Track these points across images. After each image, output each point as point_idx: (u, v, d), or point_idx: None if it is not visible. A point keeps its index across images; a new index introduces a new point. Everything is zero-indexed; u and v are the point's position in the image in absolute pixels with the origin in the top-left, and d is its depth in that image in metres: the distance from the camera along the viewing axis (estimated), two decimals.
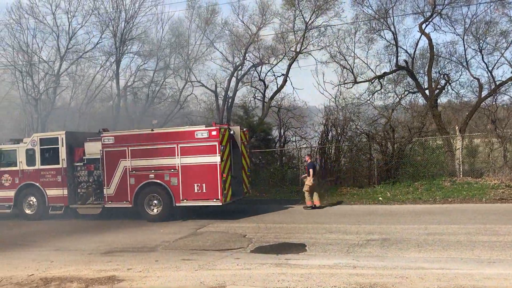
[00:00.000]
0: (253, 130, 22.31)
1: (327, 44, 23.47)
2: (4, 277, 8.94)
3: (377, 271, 8.13)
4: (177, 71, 25.60)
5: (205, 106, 26.52)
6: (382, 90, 23.68)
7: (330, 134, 21.65)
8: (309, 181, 16.31)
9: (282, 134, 24.44)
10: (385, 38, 23.15)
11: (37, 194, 16.30)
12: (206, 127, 14.69)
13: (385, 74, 23.25)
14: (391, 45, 22.82)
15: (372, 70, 23.06)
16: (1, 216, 17.15)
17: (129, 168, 15.12)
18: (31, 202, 16.49)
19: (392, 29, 22.33)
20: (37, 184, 16.26)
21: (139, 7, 25.67)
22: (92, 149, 15.78)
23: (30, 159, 16.36)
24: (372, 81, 23.23)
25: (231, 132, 15.32)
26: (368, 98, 23.48)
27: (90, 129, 21.97)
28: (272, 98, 24.82)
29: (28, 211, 16.53)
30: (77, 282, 8.44)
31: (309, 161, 16.74)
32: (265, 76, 25.35)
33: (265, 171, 21.59)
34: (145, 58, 26.39)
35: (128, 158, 15.13)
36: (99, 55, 26.20)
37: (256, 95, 25.83)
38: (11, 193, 16.55)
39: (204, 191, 14.43)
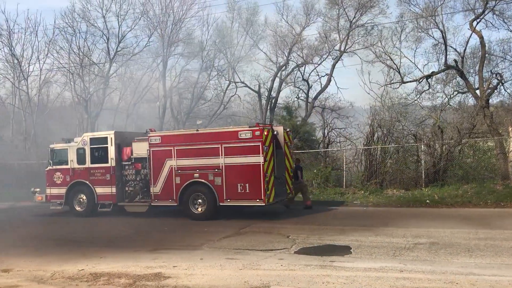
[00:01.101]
0: (297, 130, 22.20)
1: (373, 43, 23.03)
2: (57, 271, 9.29)
3: (425, 275, 7.89)
4: (221, 72, 25.89)
5: (248, 106, 26.68)
6: (430, 90, 23.04)
7: (375, 135, 21.20)
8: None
9: (326, 134, 24.20)
10: (433, 37, 22.51)
11: (87, 191, 16.87)
12: (249, 127, 14.74)
13: (433, 73, 22.57)
14: (440, 43, 22.13)
15: (419, 69, 22.53)
16: (53, 212, 17.89)
17: (174, 168, 15.40)
18: (81, 199, 17.09)
19: (441, 27, 21.66)
20: (87, 182, 16.84)
21: (187, 10, 26.19)
22: (140, 148, 16.18)
23: (81, 158, 16.97)
24: (420, 80, 22.61)
25: (274, 133, 15.29)
26: (416, 98, 22.91)
27: (137, 129, 22.57)
28: (315, 98, 24.66)
29: (78, 208, 17.13)
30: (125, 278, 8.66)
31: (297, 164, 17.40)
32: (309, 76, 25.27)
33: (309, 173, 21.40)
34: (190, 60, 26.87)
35: (174, 157, 15.40)
36: (147, 57, 26.88)
37: (299, 95, 25.75)
38: (62, 191, 17.22)
39: (247, 191, 14.47)
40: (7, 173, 27.32)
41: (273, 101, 25.12)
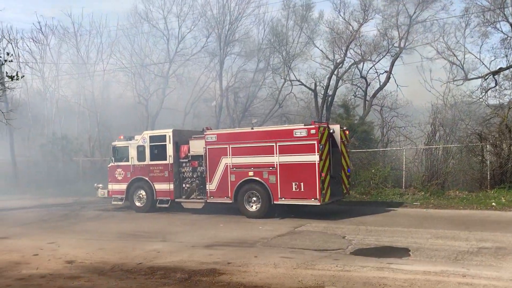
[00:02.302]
0: (354, 129, 21.73)
1: (434, 39, 22.10)
2: (116, 264, 9.60)
3: (491, 281, 7.44)
4: (277, 70, 25.81)
5: (303, 105, 26.42)
6: (497, 87, 21.74)
7: (437, 134, 20.33)
8: None
9: (384, 133, 23.51)
10: (502, 31, 21.25)
11: (146, 188, 17.40)
12: (305, 125, 14.59)
13: (501, 70, 21.34)
14: (509, 38, 20.85)
15: (485, 65, 21.28)
16: (115, 207, 18.59)
17: (230, 165, 15.53)
18: (140, 195, 17.65)
19: (510, 20, 20.39)
20: (146, 178, 17.37)
21: (243, 9, 26.40)
22: (196, 146, 16.47)
23: (141, 155, 17.53)
24: (486, 77, 21.44)
25: (331, 131, 15.04)
26: (481, 96, 21.73)
27: (194, 128, 22.99)
28: (374, 96, 24.01)
29: (138, 204, 17.71)
30: (180, 272, 8.80)
31: None
32: (367, 73, 24.63)
33: (367, 172, 20.89)
34: (246, 59, 27.03)
35: (229, 155, 15.54)
36: (204, 56, 27.33)
37: (356, 93, 25.15)
38: (123, 186, 17.87)
39: (302, 190, 14.33)
40: (73, 170, 28.82)
41: (329, 99, 24.74)
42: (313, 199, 14.18)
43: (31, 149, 32.59)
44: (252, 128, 15.63)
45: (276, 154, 14.76)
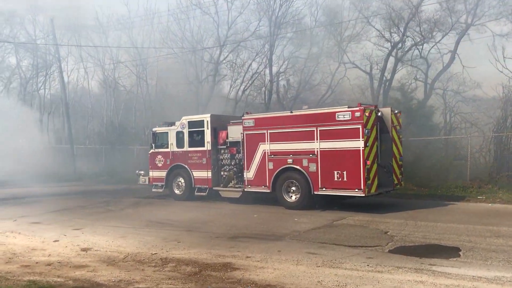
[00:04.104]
0: (412, 115, 19.83)
1: (509, 13, 19.53)
2: (130, 254, 9.01)
3: None
4: (330, 54, 24.29)
5: (358, 90, 24.70)
6: None
7: (509, 119, 17.98)
8: None
9: (447, 120, 21.30)
10: None
11: (185, 175, 16.83)
12: (348, 107, 13.21)
13: None
14: None
15: None
16: (155, 194, 18.22)
17: (267, 152, 14.51)
18: (179, 182, 17.12)
19: None
20: (185, 165, 16.78)
21: None
22: (235, 132, 15.62)
23: (180, 141, 16.97)
24: None
25: (379, 114, 13.51)
26: None
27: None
28: (436, 78, 21.81)
29: (177, 191, 17.20)
30: (192, 265, 8.04)
31: None
32: (428, 53, 22.35)
33: (425, 162, 18.97)
34: (298, 43, 25.70)
35: (267, 141, 14.52)
36: (253, 39, 26.37)
37: (417, 76, 23.02)
38: (163, 174, 17.43)
39: (345, 179, 13.00)
40: (128, 158, 29.13)
41: (387, 84, 22.86)
42: (356, 190, 12.81)
43: (90, 138, 33.52)
44: (291, 112, 14.48)
45: (317, 139, 13.52)
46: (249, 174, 14.95)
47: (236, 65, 27.46)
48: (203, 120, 16.35)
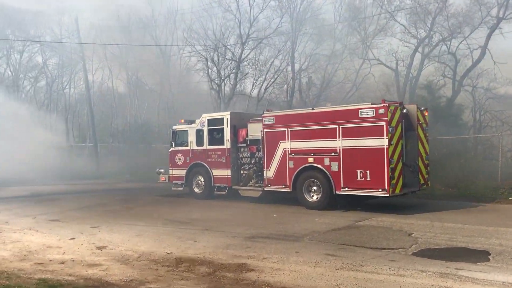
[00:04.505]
0: (440, 113, 19.12)
1: None
2: (145, 253, 8.83)
3: None
4: (354, 50, 23.71)
5: (384, 87, 24.03)
6: None
7: None
8: None
9: (477, 118, 20.47)
10: None
11: (204, 173, 16.62)
12: (372, 104, 12.73)
13: None
14: None
15: None
16: (175, 193, 18.07)
17: (288, 150, 14.14)
18: (199, 181, 16.92)
19: None
20: (205, 164, 16.57)
21: None
22: (254, 130, 15.31)
23: (199, 139, 16.77)
24: None
25: (404, 111, 12.98)
26: None
27: None
28: (465, 75, 20.99)
29: (196, 190, 17.01)
30: (206, 266, 7.79)
31: None
32: (456, 49, 21.54)
33: (453, 162, 18.26)
34: (321, 39, 25.21)
35: (288, 139, 14.15)
36: (274, 35, 25.99)
37: (445, 72, 22.21)
38: (183, 172, 17.26)
39: (368, 179, 12.52)
40: (151, 156, 29.21)
41: (413, 81, 22.15)
42: (380, 190, 12.32)
43: (114, 136, 33.78)
44: (312, 109, 14.09)
45: (339, 137, 13.08)
46: (269, 173, 14.62)
47: (258, 62, 27.18)
48: (223, 118, 16.10)
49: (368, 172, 12.55)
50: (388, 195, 12.26)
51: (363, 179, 12.63)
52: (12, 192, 20.12)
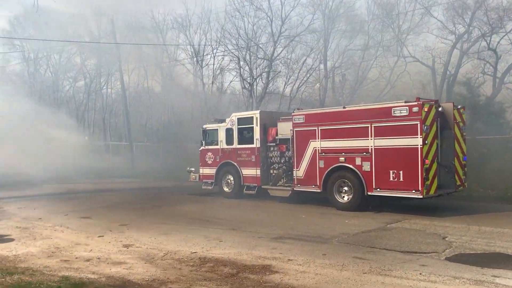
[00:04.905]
0: (479, 111, 18.32)
1: None
2: (170, 251, 8.77)
3: None
4: (388, 47, 23.06)
5: (419, 85, 23.26)
6: None
7: None
8: None
9: None
10: None
11: (234, 173, 16.53)
12: (405, 102, 12.28)
13: None
14: None
15: None
16: (205, 192, 18.04)
17: (318, 150, 13.84)
18: (229, 180, 16.84)
19: None
20: (234, 163, 16.47)
21: None
22: (284, 129, 15.10)
23: (229, 138, 16.69)
24: None
25: (439, 109, 12.46)
26: None
27: None
28: (507, 72, 20.03)
29: (226, 189, 16.94)
30: (229, 267, 7.64)
31: None
32: (497, 45, 20.56)
33: (493, 162, 17.44)
34: (353, 36, 24.69)
35: (318, 138, 13.85)
36: (306, 33, 25.66)
37: (484, 69, 21.28)
38: (212, 171, 17.23)
39: (401, 179, 12.08)
40: (184, 155, 29.43)
41: (451, 78, 21.33)
42: (414, 191, 11.86)
43: (148, 136, 34.25)
44: (343, 107, 13.72)
45: (371, 137, 12.67)
46: (298, 173, 14.36)
47: (290, 61, 26.90)
48: (253, 117, 15.96)
49: (401, 172, 12.11)
50: (422, 197, 11.78)
51: (396, 179, 12.20)
52: (48, 189, 20.66)
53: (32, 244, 9.48)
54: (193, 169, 18.40)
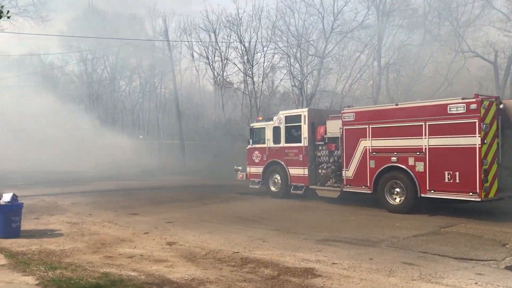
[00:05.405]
0: None
1: None
2: (212, 250, 8.69)
3: None
4: (446, 42, 21.90)
5: (479, 82, 21.90)
6: None
7: None
8: None
9: None
10: None
11: (281, 172, 16.24)
12: (462, 99, 11.54)
13: None
14: None
15: None
16: (252, 191, 17.89)
17: (369, 149, 13.31)
18: (276, 179, 16.58)
19: None
20: (281, 162, 16.19)
21: None
22: (333, 127, 14.63)
23: (276, 137, 16.43)
24: None
25: (500, 106, 11.61)
26: None
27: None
28: None
29: (273, 188, 16.69)
30: (271, 268, 7.43)
31: None
32: None
33: None
34: (409, 31, 23.68)
35: (369, 137, 13.32)
36: (360, 29, 24.90)
37: None
38: (260, 170, 17.04)
39: (457, 181, 11.36)
40: (234, 154, 29.49)
41: None
42: (471, 193, 11.12)
43: (200, 134, 34.65)
44: (396, 104, 13.11)
45: (425, 135, 12.03)
46: (348, 173, 13.88)
47: (342, 57, 26.23)
48: (301, 115, 15.61)
49: (457, 173, 11.40)
50: (480, 200, 11.04)
51: (451, 181, 11.50)
52: (103, 186, 21.30)
53: (80, 240, 9.69)
54: (240, 168, 18.31)
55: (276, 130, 16.42)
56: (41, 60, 46.14)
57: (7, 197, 9.92)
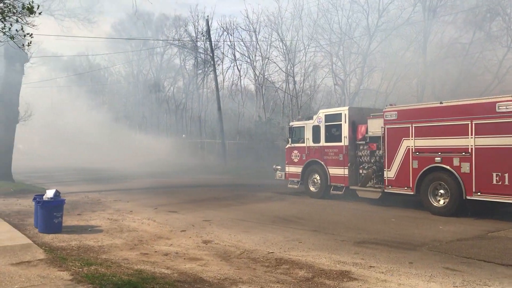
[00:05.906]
0: None
1: None
2: (247, 250, 8.60)
3: None
4: (497, 38, 20.85)
5: None
6: None
7: None
8: None
9: None
10: None
11: (321, 172, 15.97)
12: None
13: None
14: None
15: None
16: (291, 190, 17.70)
17: (411, 149, 12.85)
18: (315, 179, 16.32)
19: None
20: (321, 161, 15.92)
21: None
22: (375, 126, 14.23)
23: (316, 136, 16.18)
24: None
25: None
26: None
27: None
28: None
29: (312, 188, 16.44)
30: (305, 270, 7.27)
31: None
32: None
33: None
34: (457, 28, 22.69)
35: (412, 136, 12.85)
36: (408, 29, 24.09)
37: None
38: (299, 169, 16.83)
39: (506, 183, 10.77)
40: (275, 153, 29.41)
41: None
42: None
43: (240, 133, 34.76)
44: (440, 102, 12.57)
45: (472, 135, 11.48)
46: (389, 173, 13.46)
47: (386, 55, 25.48)
48: (341, 113, 15.28)
49: (506, 175, 10.81)
50: None
51: (500, 183, 10.92)
52: (144, 184, 21.73)
53: (118, 236, 9.84)
54: (279, 167, 18.17)
55: (316, 129, 16.16)
56: (89, 61, 47.74)
57: (50, 193, 10.23)
